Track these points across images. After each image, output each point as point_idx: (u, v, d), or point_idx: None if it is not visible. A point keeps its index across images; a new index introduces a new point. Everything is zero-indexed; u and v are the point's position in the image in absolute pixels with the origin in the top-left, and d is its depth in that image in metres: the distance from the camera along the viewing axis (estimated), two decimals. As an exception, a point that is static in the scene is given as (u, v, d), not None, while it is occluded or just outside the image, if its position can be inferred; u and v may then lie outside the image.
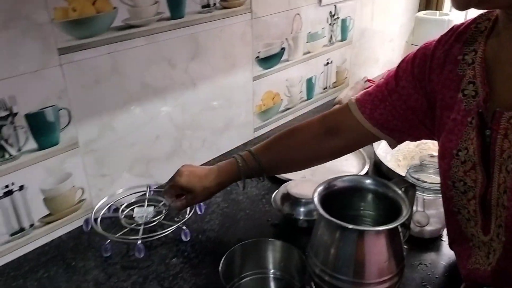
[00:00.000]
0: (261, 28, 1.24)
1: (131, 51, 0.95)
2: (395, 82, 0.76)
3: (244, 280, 0.79)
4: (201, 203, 0.96)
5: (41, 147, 0.87)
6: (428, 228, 0.90)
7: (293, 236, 0.92)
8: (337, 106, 0.82)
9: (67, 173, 0.93)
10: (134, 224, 0.94)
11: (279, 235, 0.93)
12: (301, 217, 0.93)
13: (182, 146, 1.15)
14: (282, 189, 1.00)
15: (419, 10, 1.90)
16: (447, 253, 0.88)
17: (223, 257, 0.74)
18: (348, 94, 1.56)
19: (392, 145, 0.82)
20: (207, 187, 0.86)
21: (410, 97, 0.74)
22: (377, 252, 0.65)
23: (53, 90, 0.85)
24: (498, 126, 0.61)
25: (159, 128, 1.07)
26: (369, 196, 0.73)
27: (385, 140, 0.81)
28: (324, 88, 1.60)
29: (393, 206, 0.70)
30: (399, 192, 0.69)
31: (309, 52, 1.45)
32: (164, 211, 0.96)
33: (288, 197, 0.96)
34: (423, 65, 0.72)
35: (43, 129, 0.86)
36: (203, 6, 1.07)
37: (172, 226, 0.92)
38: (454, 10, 0.63)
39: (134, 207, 0.98)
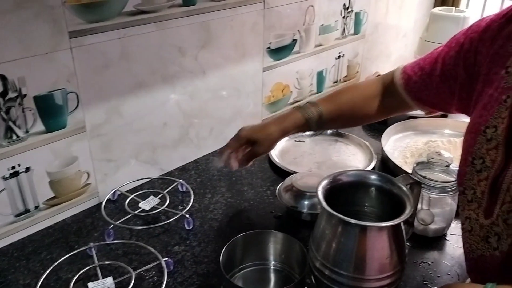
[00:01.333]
0: (273, 18, 1.23)
1: (141, 37, 0.95)
2: (443, 50, 0.79)
3: (244, 270, 0.79)
4: (190, 219, 0.93)
5: (48, 130, 0.87)
6: (433, 226, 0.89)
7: (295, 229, 0.92)
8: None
9: (74, 157, 0.93)
10: (139, 210, 0.94)
11: (282, 227, 0.93)
12: (305, 210, 0.93)
13: (189, 134, 1.15)
14: (287, 181, 0.99)
15: (435, 5, 1.87)
16: (450, 252, 0.87)
17: (224, 247, 0.74)
18: (358, 88, 1.54)
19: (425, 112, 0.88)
20: (270, 133, 0.87)
21: (451, 68, 0.75)
22: (378, 248, 0.64)
23: (62, 73, 0.86)
24: None
25: (166, 115, 1.07)
26: (374, 192, 0.72)
27: (420, 110, 0.87)
28: (335, 82, 1.58)
29: (397, 203, 0.69)
30: (404, 188, 0.68)
31: (321, 45, 1.44)
32: (168, 200, 0.97)
33: (292, 190, 0.96)
34: (474, 35, 0.71)
35: (51, 111, 0.87)
36: (215, -6, 1.06)
37: (176, 214, 0.93)
38: (470, 6, 0.63)
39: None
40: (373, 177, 0.71)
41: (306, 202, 0.94)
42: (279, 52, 1.30)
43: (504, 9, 0.69)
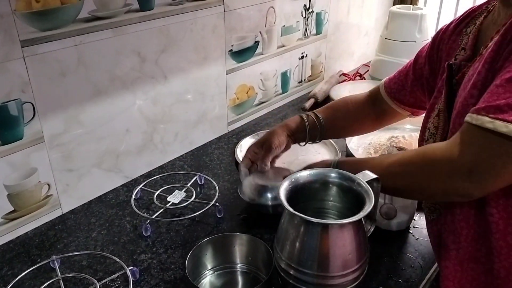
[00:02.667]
0: (234, 21, 1.23)
1: (98, 43, 0.93)
2: (414, 59, 0.88)
3: (211, 274, 0.79)
4: (221, 207, 0.97)
5: (4, 142, 0.85)
6: (395, 220, 0.91)
7: (263, 230, 0.92)
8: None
9: (32, 168, 0.91)
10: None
11: (250, 229, 0.93)
12: (270, 203, 0.93)
13: (153, 139, 1.13)
14: (249, 179, 0.98)
15: (394, 4, 1.92)
16: (413, 244, 0.89)
17: (190, 253, 0.73)
18: (322, 87, 1.56)
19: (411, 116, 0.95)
20: (274, 131, 0.92)
21: (422, 66, 0.85)
22: (340, 245, 0.65)
23: (16, 83, 0.83)
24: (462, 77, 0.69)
25: (129, 121, 1.06)
26: (334, 189, 0.73)
27: (401, 112, 0.94)
28: (299, 82, 1.60)
29: (358, 199, 0.70)
30: (364, 185, 0.69)
31: (283, 46, 1.45)
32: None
33: (255, 186, 0.94)
34: (437, 36, 0.82)
35: (5, 123, 0.84)
36: (174, -2, 1.05)
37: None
38: (428, 4, 0.72)
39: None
40: (333, 175, 0.72)
41: (269, 195, 0.93)
42: (242, 54, 1.30)
43: (460, 15, 0.81)
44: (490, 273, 0.68)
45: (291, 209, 0.65)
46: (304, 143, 0.96)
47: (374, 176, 0.74)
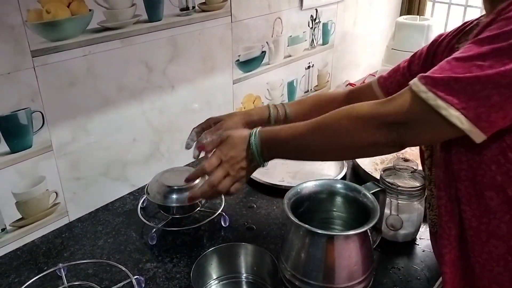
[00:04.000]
0: (241, 31, 1.24)
1: (107, 54, 0.95)
2: (410, 59, 0.88)
3: (216, 284, 0.79)
4: (226, 216, 0.97)
5: (13, 150, 0.86)
6: (402, 232, 0.90)
7: (269, 240, 0.92)
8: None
9: (40, 177, 0.92)
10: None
11: (255, 239, 0.93)
12: (173, 204, 0.92)
13: (160, 149, 1.14)
14: (157, 178, 0.97)
15: (401, 15, 1.92)
16: (420, 256, 0.89)
17: (195, 262, 0.74)
18: (329, 97, 1.57)
19: None
20: (234, 115, 0.93)
21: (416, 63, 0.85)
22: (346, 256, 0.65)
23: (26, 92, 0.85)
24: None
25: (136, 131, 1.06)
26: (340, 200, 0.73)
27: None
28: (306, 92, 1.60)
29: (364, 210, 0.70)
30: (369, 196, 0.70)
31: (290, 56, 1.46)
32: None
33: (162, 187, 0.94)
34: (431, 49, 0.83)
35: (15, 132, 0.85)
36: (182, 9, 1.07)
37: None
38: (435, 14, 0.70)
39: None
40: (339, 185, 0.72)
41: (174, 196, 0.92)
42: (249, 64, 1.31)
43: (455, 28, 0.81)
44: (471, 271, 0.68)
45: (296, 220, 0.65)
46: None
47: (380, 187, 0.74)
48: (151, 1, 0.99)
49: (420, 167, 0.89)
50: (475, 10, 1.82)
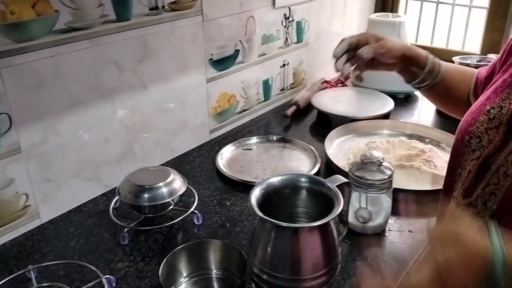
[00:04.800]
0: (213, 30, 1.25)
1: (75, 54, 0.94)
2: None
3: (187, 281, 0.79)
4: (199, 214, 0.97)
5: (-20, 153, 0.85)
6: (371, 224, 0.92)
7: (242, 237, 0.93)
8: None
9: (10, 179, 0.91)
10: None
11: (229, 235, 0.94)
12: (145, 204, 0.92)
13: (134, 148, 1.14)
14: (128, 178, 0.97)
15: (375, 12, 1.95)
16: (388, 248, 0.91)
17: (164, 260, 0.74)
18: (304, 95, 1.58)
19: None
20: (397, 48, 0.87)
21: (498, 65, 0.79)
22: (310, 248, 0.67)
23: (-9, 94, 0.84)
24: None
25: (108, 131, 1.06)
26: (305, 194, 0.75)
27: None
28: (282, 89, 1.62)
29: (329, 203, 0.71)
30: (333, 189, 0.71)
31: (264, 54, 1.47)
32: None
33: (133, 187, 0.94)
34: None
35: (-19, 134, 0.84)
36: (151, 9, 1.07)
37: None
38: (408, 12, 0.69)
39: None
40: (303, 180, 0.73)
41: (146, 196, 0.92)
42: (222, 63, 1.32)
43: None
44: None
45: (261, 214, 0.66)
46: None
47: (345, 180, 0.76)
48: (119, 1, 0.99)
49: (386, 162, 0.91)
50: (447, 6, 1.85)
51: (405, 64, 0.90)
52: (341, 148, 1.28)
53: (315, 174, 1.15)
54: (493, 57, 1.53)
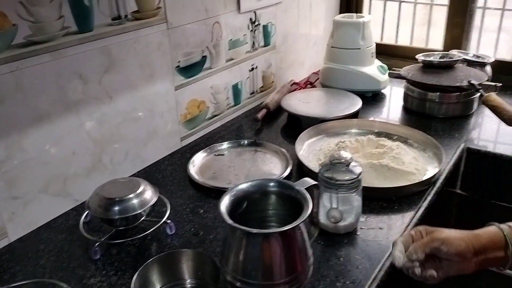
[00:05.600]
0: (179, 37, 1.24)
1: (37, 68, 0.93)
2: None
3: (161, 292, 0.79)
4: (172, 224, 0.95)
5: None
6: (343, 223, 0.94)
7: (214, 243, 0.93)
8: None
9: (-27, 199, 0.88)
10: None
11: (202, 243, 0.93)
12: (116, 216, 0.91)
13: (102, 160, 1.13)
14: (97, 191, 0.95)
15: (340, 13, 1.98)
16: (361, 246, 0.92)
17: (136, 273, 0.73)
18: (274, 97, 1.59)
19: None
20: (458, 239, 0.71)
21: None
22: (281, 252, 0.67)
23: (-51, 113, 0.81)
24: None
25: (75, 144, 1.04)
26: (275, 198, 0.75)
27: None
28: (252, 93, 1.62)
29: (299, 206, 0.72)
30: (302, 192, 0.72)
31: (232, 59, 1.47)
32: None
33: (103, 200, 0.92)
34: None
35: None
36: (113, 19, 1.06)
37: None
38: (372, 12, 0.65)
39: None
40: (272, 184, 0.74)
41: (116, 208, 0.91)
42: (190, 69, 1.31)
43: None
44: None
45: (230, 222, 0.66)
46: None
47: (313, 182, 0.77)
48: (80, 12, 0.98)
49: (354, 161, 0.93)
50: (409, 5, 1.90)
51: (481, 256, 0.71)
52: (312, 149, 1.29)
53: (286, 176, 1.16)
54: (454, 53, 1.57)
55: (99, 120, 1.09)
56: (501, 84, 1.37)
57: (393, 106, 1.61)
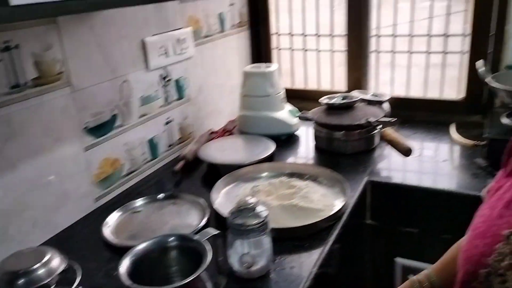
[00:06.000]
0: (85, 99, 1.25)
1: None
2: None
3: None
4: None
5: None
6: (255, 267, 0.96)
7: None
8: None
9: None
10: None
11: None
12: None
13: (9, 231, 1.08)
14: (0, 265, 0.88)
15: (252, 63, 2.09)
16: (274, 288, 0.95)
17: None
18: (192, 148, 1.62)
19: None
20: None
21: None
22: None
23: None
24: None
25: (-25, 218, 1.00)
26: (176, 253, 0.76)
27: None
28: (170, 145, 1.64)
29: (201, 258, 0.74)
30: (201, 243, 0.74)
31: (145, 115, 1.49)
32: None
33: (6, 274, 0.85)
34: None
35: None
36: (12, 87, 1.05)
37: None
38: (281, 61, 0.68)
39: None
40: (170, 239, 0.75)
41: (22, 281, 0.84)
42: (100, 129, 1.32)
43: None
44: None
45: (128, 282, 0.67)
46: None
47: (215, 232, 0.79)
48: (-27, 84, 0.97)
49: (259, 205, 0.97)
50: (313, 52, 2.05)
51: None
52: (229, 196, 1.32)
53: (203, 226, 1.17)
54: (355, 94, 1.71)
55: (3, 190, 1.05)
56: (396, 119, 1.50)
57: (306, 146, 1.70)
